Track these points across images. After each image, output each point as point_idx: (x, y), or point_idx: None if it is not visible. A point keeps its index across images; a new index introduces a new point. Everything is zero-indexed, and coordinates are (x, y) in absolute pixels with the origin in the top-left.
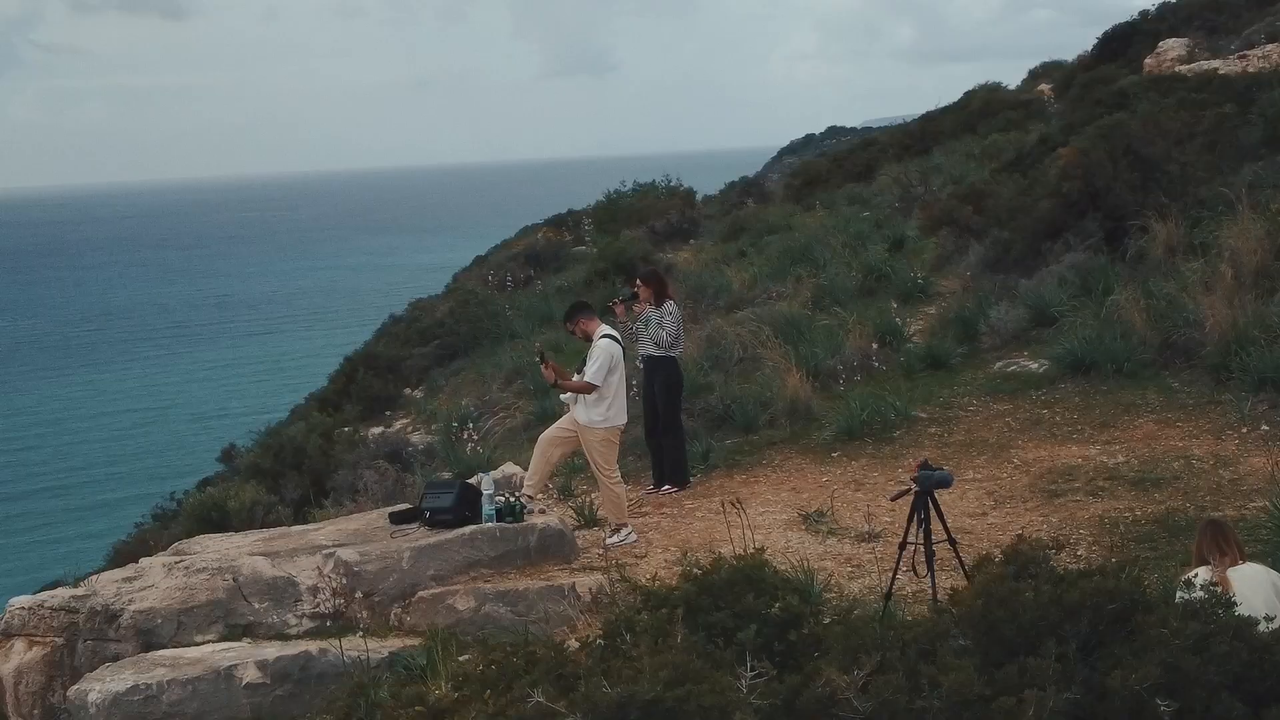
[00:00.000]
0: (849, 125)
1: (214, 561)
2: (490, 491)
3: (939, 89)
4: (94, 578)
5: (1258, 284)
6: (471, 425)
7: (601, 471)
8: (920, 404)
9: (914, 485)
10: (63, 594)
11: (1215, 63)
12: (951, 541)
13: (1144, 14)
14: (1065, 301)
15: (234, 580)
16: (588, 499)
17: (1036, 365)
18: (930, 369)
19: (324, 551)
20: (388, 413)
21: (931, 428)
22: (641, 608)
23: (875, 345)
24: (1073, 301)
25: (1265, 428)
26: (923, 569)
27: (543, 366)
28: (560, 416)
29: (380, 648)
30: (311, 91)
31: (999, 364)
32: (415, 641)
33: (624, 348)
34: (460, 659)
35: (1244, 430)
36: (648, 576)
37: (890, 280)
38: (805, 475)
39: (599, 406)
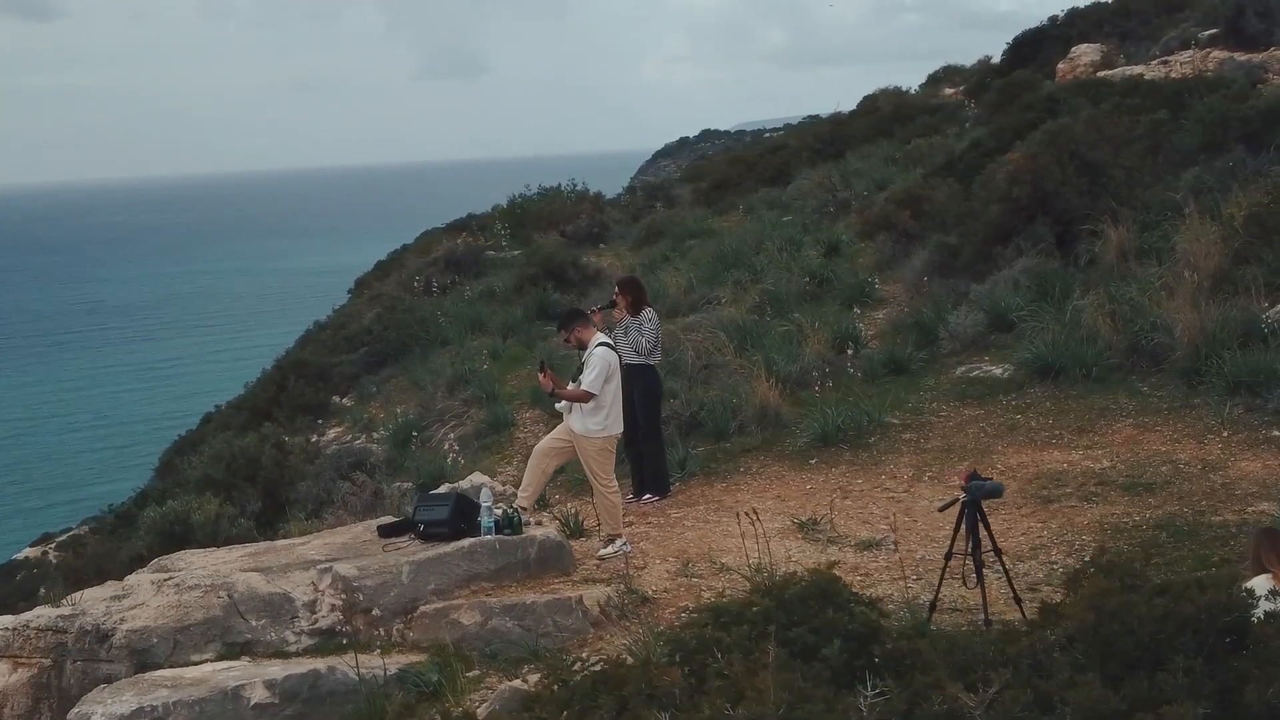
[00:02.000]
0: (723, 128)
1: (205, 578)
2: (489, 504)
3: (812, 92)
4: (79, 596)
5: (1217, 288)
6: (453, 437)
7: (598, 480)
8: (890, 410)
9: (963, 495)
10: (48, 614)
11: (1139, 68)
12: (997, 552)
13: (1053, 19)
14: (1024, 306)
15: (229, 597)
16: (571, 509)
17: (1001, 370)
18: (892, 374)
19: (319, 567)
20: (319, 421)
21: (905, 434)
22: (708, 623)
23: (850, 351)
24: (1031, 306)
25: (1276, 432)
26: (972, 580)
27: (540, 375)
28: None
29: (386, 664)
30: (184, 93)
31: (961, 369)
32: (420, 657)
33: (620, 356)
34: (469, 675)
35: (1225, 434)
36: (653, 588)
37: (834, 285)
38: (787, 483)
39: (596, 415)
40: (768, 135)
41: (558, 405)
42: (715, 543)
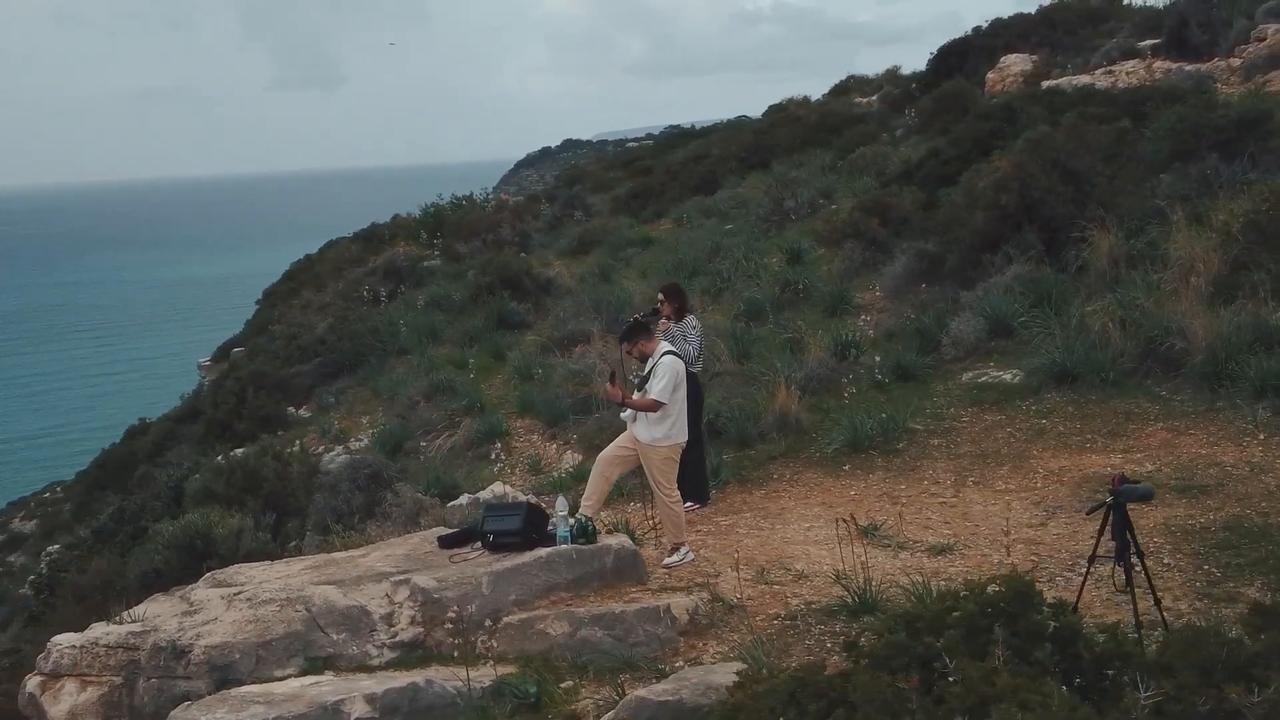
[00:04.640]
0: (584, 138)
1: (279, 592)
2: (564, 513)
3: (672, 102)
4: (141, 610)
5: (1218, 294)
6: (499, 445)
7: (662, 490)
8: (910, 416)
9: (1111, 498)
10: (117, 631)
11: (1084, 78)
12: (1139, 554)
13: (977, 30)
14: (1024, 312)
15: (307, 611)
16: (608, 517)
17: (1011, 376)
18: (899, 380)
19: (392, 579)
20: (280, 432)
21: (933, 439)
22: (897, 629)
23: (875, 357)
24: (1031, 312)
25: None
26: (1121, 582)
27: (608, 385)
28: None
29: (480, 677)
30: (34, 102)
31: (967, 375)
32: (510, 669)
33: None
34: (563, 685)
35: (1261, 437)
36: (736, 596)
37: (809, 292)
38: (828, 489)
39: (662, 424)
40: (631, 144)
41: (622, 415)
42: (778, 549)
